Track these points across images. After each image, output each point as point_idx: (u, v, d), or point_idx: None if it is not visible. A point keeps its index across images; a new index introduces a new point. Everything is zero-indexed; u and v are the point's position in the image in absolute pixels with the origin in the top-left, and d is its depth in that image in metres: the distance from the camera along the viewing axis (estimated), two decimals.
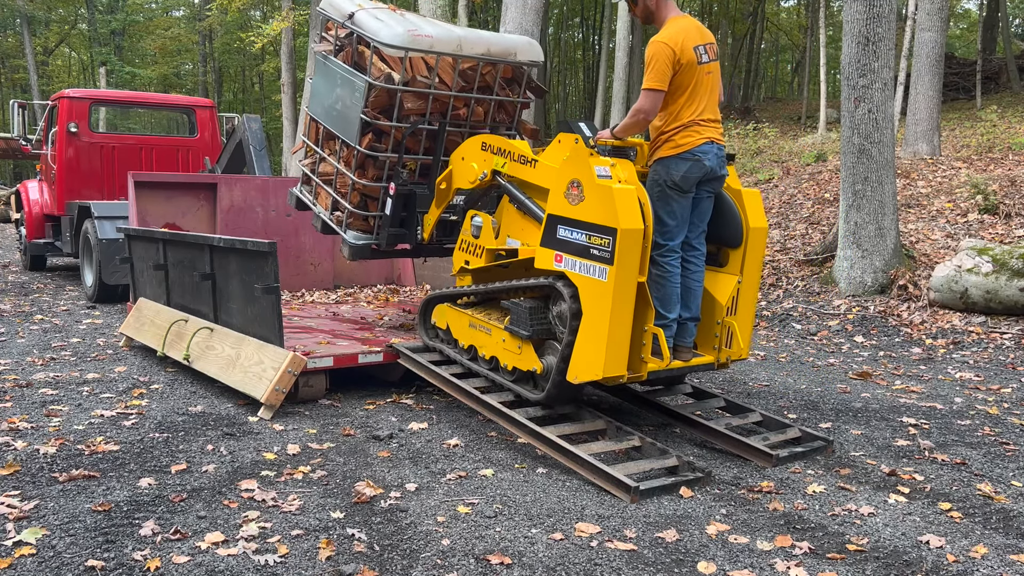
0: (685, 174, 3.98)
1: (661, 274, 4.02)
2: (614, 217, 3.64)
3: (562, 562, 2.88)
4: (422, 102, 5.17)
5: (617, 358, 3.77)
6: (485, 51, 5.26)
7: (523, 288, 4.24)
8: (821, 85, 17.84)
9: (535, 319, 4.10)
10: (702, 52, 4.02)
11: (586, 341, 3.80)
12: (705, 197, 4.15)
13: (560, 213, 3.92)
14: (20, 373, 5.45)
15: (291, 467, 3.75)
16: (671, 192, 4.00)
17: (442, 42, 5.10)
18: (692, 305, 4.17)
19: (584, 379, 3.85)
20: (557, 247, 3.94)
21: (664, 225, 4.00)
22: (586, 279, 3.78)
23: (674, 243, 4.05)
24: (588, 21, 38.08)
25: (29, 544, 2.91)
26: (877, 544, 3.08)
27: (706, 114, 4.05)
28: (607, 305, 3.68)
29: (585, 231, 3.78)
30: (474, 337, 4.62)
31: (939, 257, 8.15)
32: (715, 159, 4.05)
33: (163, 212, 7.94)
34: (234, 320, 5.22)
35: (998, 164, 11.56)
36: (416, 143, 5.32)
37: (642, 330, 3.89)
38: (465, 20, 15.80)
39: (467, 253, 4.76)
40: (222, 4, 23.56)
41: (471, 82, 5.29)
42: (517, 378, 4.34)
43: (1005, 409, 5.00)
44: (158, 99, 13.27)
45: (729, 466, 3.93)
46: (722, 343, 4.25)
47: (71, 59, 44.63)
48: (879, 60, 7.80)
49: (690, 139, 3.99)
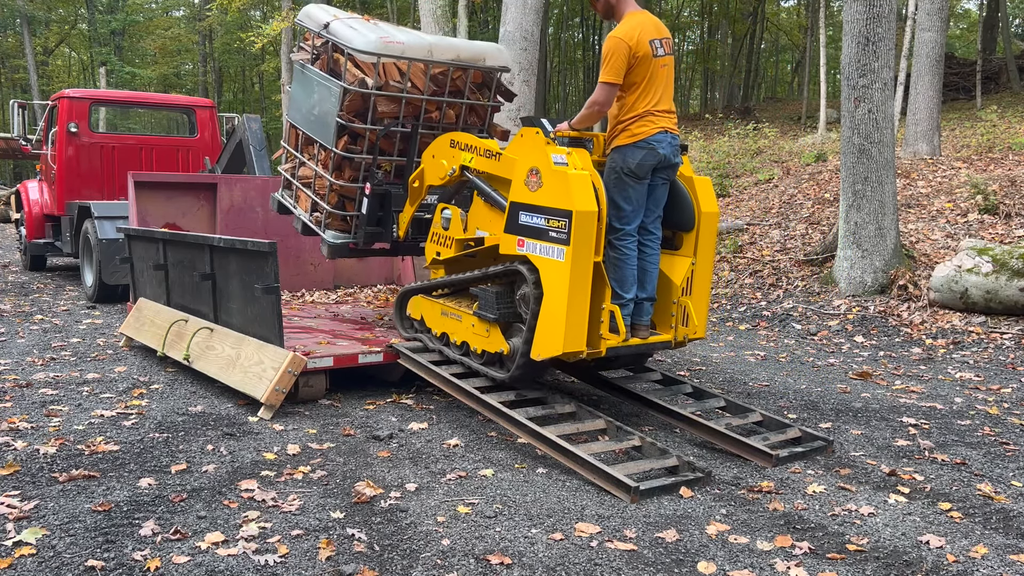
0: (640, 162, 4.19)
1: (618, 256, 4.24)
2: (569, 200, 3.90)
3: (562, 562, 2.88)
4: (395, 105, 5.40)
5: (576, 334, 4.00)
6: (455, 57, 5.48)
7: (490, 276, 4.47)
8: (821, 85, 17.85)
9: (501, 303, 4.35)
10: (657, 46, 4.23)
11: (547, 319, 4.03)
12: (660, 184, 4.36)
13: (521, 200, 4.17)
14: (20, 373, 5.45)
15: (291, 467, 3.75)
16: (627, 179, 4.21)
17: (413, 48, 5.34)
18: (648, 286, 4.40)
19: (546, 355, 4.06)
20: (519, 232, 4.19)
21: (620, 210, 4.24)
22: (546, 260, 4.03)
23: (630, 227, 4.27)
24: (588, 21, 38.07)
25: (29, 544, 2.91)
26: (877, 544, 3.08)
27: (661, 105, 4.26)
28: (565, 284, 3.93)
29: (544, 215, 4.03)
30: (446, 324, 4.85)
31: (939, 257, 8.15)
32: (669, 147, 4.26)
33: (163, 212, 7.94)
34: (234, 320, 5.22)
35: (998, 164, 11.56)
36: (391, 145, 5.53)
37: (600, 308, 4.10)
38: (465, 20, 15.79)
39: (438, 245, 4.98)
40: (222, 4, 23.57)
41: (442, 86, 5.52)
42: (486, 361, 4.55)
43: (1005, 409, 5.00)
44: (158, 99, 13.27)
45: (729, 466, 3.93)
46: (678, 322, 4.49)
47: (71, 59, 44.63)
48: (879, 60, 7.80)
49: (645, 129, 4.20)
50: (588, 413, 4.26)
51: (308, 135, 5.69)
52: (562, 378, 5.57)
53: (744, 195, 12.58)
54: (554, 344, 4.01)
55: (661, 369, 5.10)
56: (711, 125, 22.96)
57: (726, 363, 6.29)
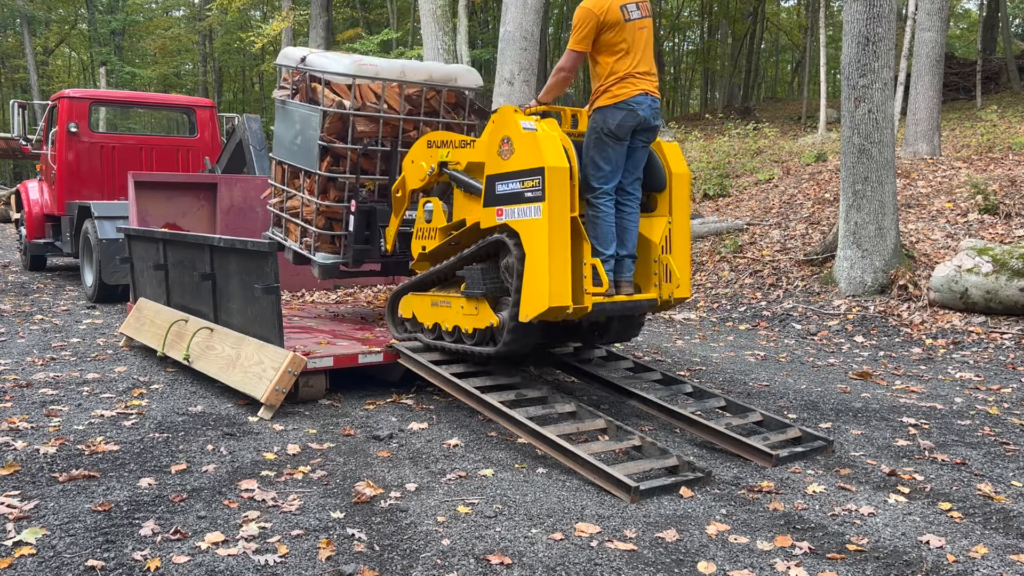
0: (620, 122, 4.31)
1: (596, 215, 4.37)
2: (540, 158, 4.07)
3: (562, 562, 2.88)
4: (373, 125, 5.68)
5: (560, 289, 4.10)
6: (427, 78, 5.84)
7: (474, 253, 4.58)
8: (821, 85, 17.84)
9: (487, 278, 4.48)
10: (631, 10, 4.37)
11: (531, 278, 4.15)
12: (640, 146, 4.48)
13: (496, 171, 4.33)
14: (20, 373, 5.45)
15: (291, 467, 3.75)
16: (607, 139, 4.33)
17: (386, 70, 5.68)
18: (628, 243, 4.52)
19: (533, 314, 4.14)
20: (497, 203, 4.33)
21: (599, 170, 4.35)
22: (525, 222, 4.17)
23: (607, 186, 4.39)
24: None
25: (29, 544, 2.91)
26: (877, 544, 3.08)
27: (640, 67, 4.39)
28: (545, 239, 4.05)
29: (518, 179, 4.19)
30: (436, 314, 4.93)
31: (939, 257, 8.15)
32: (648, 110, 4.37)
33: (163, 212, 7.94)
34: (234, 320, 5.22)
35: (998, 164, 11.56)
36: (372, 165, 5.83)
37: (581, 265, 4.21)
38: (465, 20, 15.79)
39: (423, 239, 5.08)
40: (222, 4, 23.57)
41: (418, 106, 5.83)
42: (477, 341, 4.64)
43: (1005, 409, 5.00)
44: (158, 99, 13.27)
45: (729, 466, 3.93)
46: (661, 279, 4.61)
47: (71, 59, 44.62)
48: (879, 60, 7.80)
49: (625, 90, 4.33)
50: (588, 413, 4.26)
51: (293, 167, 5.96)
52: (562, 378, 5.57)
53: (744, 195, 12.58)
54: (540, 301, 4.09)
55: (661, 369, 5.10)
56: (711, 125, 22.96)
57: (726, 363, 6.29)
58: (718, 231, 10.51)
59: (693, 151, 16.71)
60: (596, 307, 4.28)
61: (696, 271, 9.76)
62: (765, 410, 4.65)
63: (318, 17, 20.54)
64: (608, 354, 5.31)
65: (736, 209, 11.80)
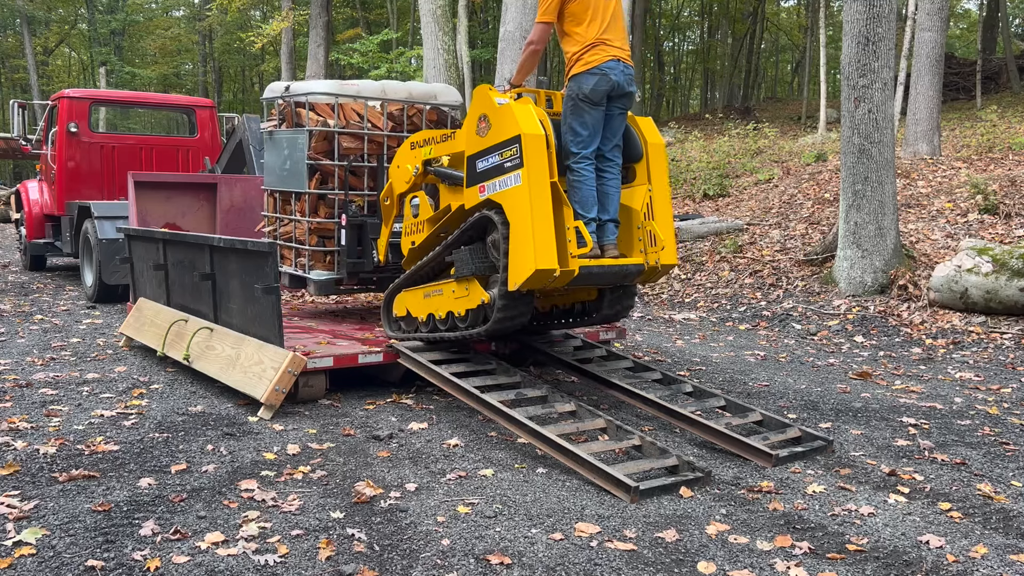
0: (594, 87, 4.43)
1: (577, 179, 4.47)
2: (516, 126, 4.19)
3: (562, 562, 2.88)
4: (358, 142, 5.89)
5: (546, 251, 4.15)
6: (407, 95, 6.10)
7: (461, 234, 4.67)
8: (821, 85, 17.84)
9: (476, 257, 4.57)
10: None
11: (516, 246, 4.22)
12: (617, 113, 4.59)
13: (475, 150, 4.45)
14: (20, 373, 5.45)
15: (291, 467, 3.75)
16: (583, 104, 4.45)
17: (367, 89, 6.01)
18: (610, 207, 4.61)
19: (521, 280, 4.19)
20: (479, 180, 4.44)
21: (577, 135, 4.47)
22: (506, 192, 4.26)
23: (587, 151, 4.49)
24: None
25: (29, 544, 2.91)
26: (877, 544, 3.08)
27: (609, 34, 4.52)
28: (527, 204, 4.15)
29: (497, 152, 4.30)
30: (429, 305, 5.01)
31: (939, 257, 8.15)
32: (621, 75, 4.50)
33: (163, 212, 7.94)
34: (234, 320, 5.22)
35: (998, 164, 11.56)
36: (361, 182, 5.98)
37: (565, 230, 4.29)
38: (465, 20, 15.79)
39: (412, 234, 5.18)
40: (222, 4, 23.57)
41: (400, 123, 6.04)
42: (470, 323, 4.71)
43: (1005, 409, 5.00)
44: (158, 99, 13.27)
45: (729, 466, 3.93)
46: (646, 245, 4.66)
47: (71, 59, 44.62)
48: (879, 60, 7.80)
49: (597, 56, 4.46)
50: (588, 412, 4.26)
51: (284, 193, 6.13)
52: (562, 378, 5.57)
53: (744, 195, 12.58)
54: (526, 265, 4.15)
55: (661, 369, 5.10)
56: (711, 125, 22.96)
57: (726, 363, 6.29)
58: (718, 231, 10.51)
59: (693, 151, 16.71)
60: (583, 270, 4.32)
61: (696, 271, 9.76)
62: (765, 410, 4.65)
63: (318, 17, 20.55)
64: (608, 354, 5.32)
65: (736, 209, 11.80)
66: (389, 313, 5.42)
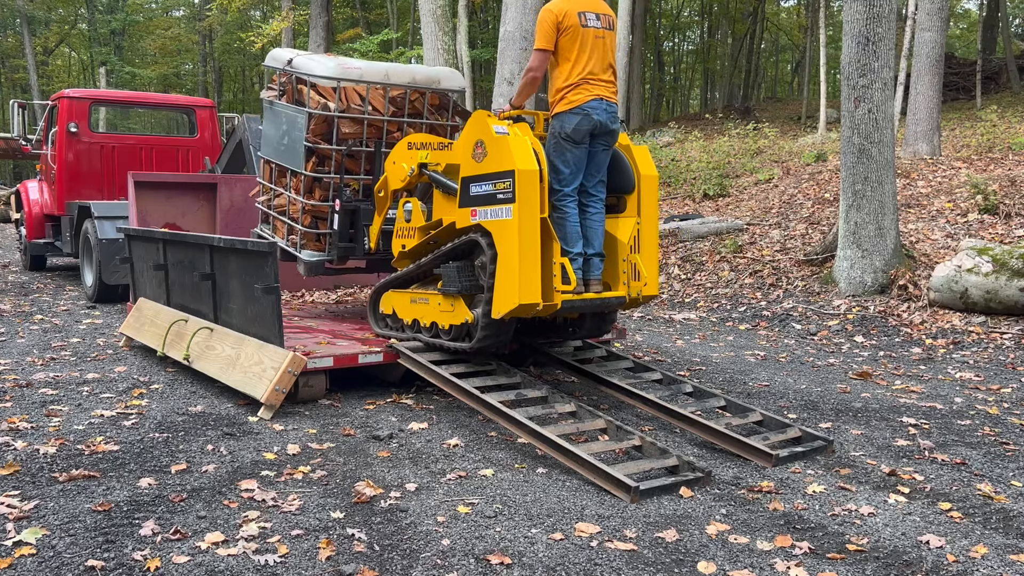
0: (576, 126, 4.49)
1: (560, 216, 4.57)
2: (511, 161, 4.25)
3: (562, 562, 2.88)
4: (358, 127, 5.82)
5: (530, 286, 4.30)
6: (410, 80, 5.95)
7: (451, 251, 4.76)
8: (821, 85, 17.84)
9: (463, 276, 4.65)
10: (589, 17, 4.57)
11: (503, 276, 4.34)
12: (600, 150, 4.66)
13: (470, 173, 4.51)
14: (20, 373, 5.45)
15: (291, 467, 3.75)
16: (564, 143, 4.52)
17: (370, 73, 5.81)
18: (594, 242, 4.70)
19: (504, 310, 4.33)
20: (471, 204, 4.51)
21: (559, 173, 4.54)
22: (497, 222, 4.35)
23: (569, 189, 4.57)
24: None
25: (29, 544, 2.91)
26: (877, 544, 3.08)
27: (596, 74, 4.56)
28: (515, 239, 4.25)
29: (491, 181, 4.37)
30: (416, 311, 5.10)
31: (939, 257, 8.15)
32: (604, 114, 4.55)
33: (163, 212, 7.94)
34: (234, 320, 5.22)
35: (998, 164, 11.56)
36: (357, 165, 5.94)
37: (551, 264, 4.41)
38: (465, 20, 15.79)
39: (403, 238, 5.25)
40: (222, 4, 23.57)
41: (402, 108, 5.96)
42: (454, 336, 4.80)
43: (1005, 409, 5.00)
44: (158, 99, 13.27)
45: (729, 466, 3.93)
46: (630, 278, 4.78)
47: (71, 59, 44.62)
48: (879, 60, 7.80)
49: (580, 96, 4.51)
50: (588, 413, 4.26)
51: (280, 166, 6.06)
52: (562, 378, 5.57)
53: (744, 195, 12.58)
54: (511, 298, 4.29)
55: (661, 369, 5.10)
56: (711, 125, 22.96)
57: (726, 363, 6.29)
58: (718, 231, 10.51)
59: (693, 151, 16.72)
60: (565, 304, 4.46)
61: (696, 271, 9.77)
62: (765, 410, 4.65)
63: (318, 17, 20.55)
64: (608, 354, 5.32)
65: (736, 209, 11.80)
66: (376, 309, 5.53)
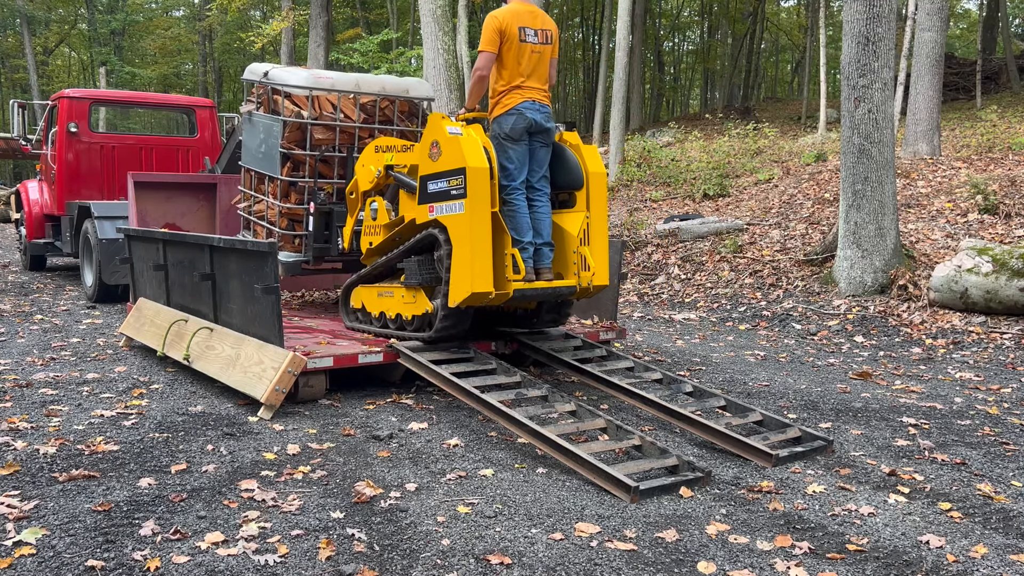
0: (512, 126, 4.88)
1: (510, 209, 4.90)
2: (463, 159, 4.59)
3: (562, 562, 2.88)
4: (331, 133, 6.20)
5: (482, 276, 4.61)
6: (380, 89, 6.36)
7: (412, 246, 5.08)
8: (821, 85, 17.84)
9: (423, 269, 4.98)
10: (528, 32, 4.93)
11: (457, 268, 4.64)
12: (539, 147, 5.02)
13: (427, 172, 4.86)
14: (20, 373, 5.45)
15: (291, 467, 3.75)
16: (505, 142, 4.90)
17: (342, 82, 6.23)
18: (543, 232, 5.00)
19: (459, 299, 4.64)
20: (429, 200, 4.85)
21: (505, 169, 4.90)
22: (451, 217, 4.68)
23: (516, 183, 4.92)
24: (588, 21, 38.07)
25: (29, 544, 2.91)
26: (877, 544, 3.08)
27: (529, 83, 4.94)
28: (467, 231, 4.57)
29: (446, 179, 4.71)
30: (382, 304, 5.43)
31: (939, 257, 8.15)
32: (537, 113, 4.93)
33: (163, 212, 7.94)
34: (234, 320, 5.22)
35: (998, 164, 11.56)
36: (331, 170, 6.28)
37: (503, 255, 4.72)
38: (465, 20, 15.78)
39: (370, 235, 5.57)
40: (222, 4, 23.56)
41: (373, 115, 6.35)
42: (416, 327, 5.14)
43: (1005, 409, 5.00)
44: (158, 99, 13.26)
45: (729, 466, 3.93)
46: (580, 268, 5.02)
47: (71, 59, 44.61)
48: (879, 60, 7.80)
49: (513, 99, 4.90)
50: (588, 412, 4.26)
51: (259, 173, 6.42)
52: (562, 378, 5.57)
53: (744, 195, 12.58)
54: (464, 287, 4.60)
55: (661, 369, 5.10)
56: (711, 125, 22.97)
57: (726, 363, 6.29)
58: (718, 231, 10.51)
59: (693, 151, 16.72)
60: (517, 292, 4.74)
61: (696, 271, 9.77)
62: (765, 410, 4.65)
63: (318, 17, 20.55)
64: (608, 354, 5.32)
65: (736, 209, 11.80)
66: (347, 304, 5.83)
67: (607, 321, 6.13)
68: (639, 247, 10.79)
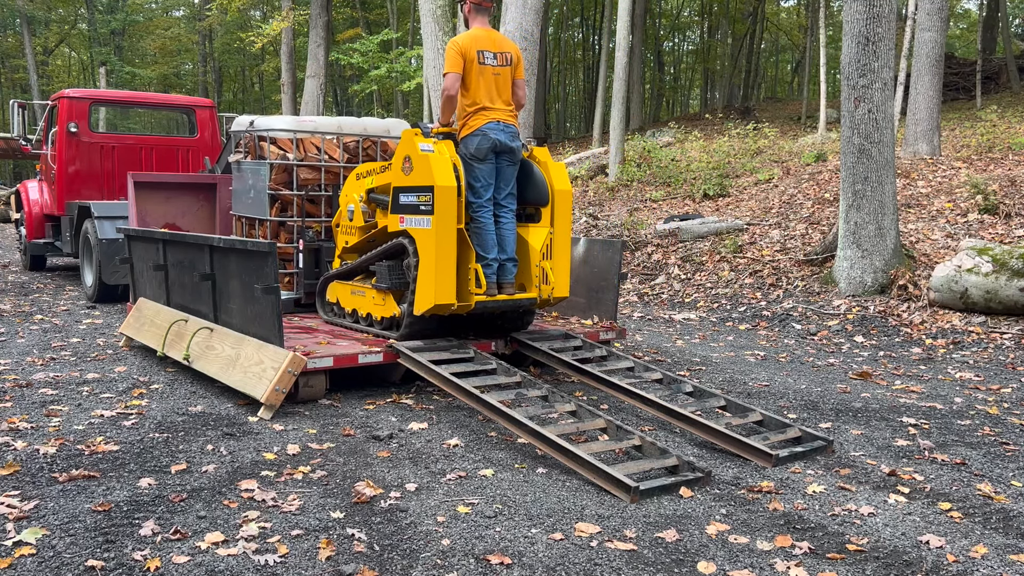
0: (478, 146, 5.06)
1: (477, 226, 5.10)
2: (431, 177, 4.80)
3: (562, 562, 2.88)
4: (316, 173, 6.49)
5: (446, 289, 4.85)
6: (362, 130, 6.69)
7: (383, 252, 5.32)
8: (821, 85, 17.84)
9: (393, 274, 5.25)
10: (486, 55, 5.14)
11: (423, 279, 4.89)
12: (506, 166, 5.20)
13: (400, 184, 5.08)
14: (20, 373, 5.45)
15: (291, 467, 3.75)
16: (471, 162, 5.08)
17: (324, 125, 6.57)
18: (507, 248, 5.22)
19: (423, 309, 4.89)
20: (400, 211, 5.08)
21: (472, 187, 5.09)
22: (419, 230, 4.91)
23: (482, 200, 5.11)
24: (588, 21, 38.07)
25: (29, 544, 2.91)
26: (877, 544, 3.08)
27: (494, 104, 5.13)
28: (432, 246, 4.79)
29: (416, 193, 4.92)
30: (355, 302, 5.73)
31: (939, 257, 8.15)
32: (502, 134, 5.10)
33: (163, 212, 7.94)
34: (234, 320, 5.22)
35: (998, 164, 11.56)
36: (318, 208, 6.57)
37: (468, 269, 4.95)
38: None
39: (346, 235, 5.87)
40: (222, 4, 23.56)
41: (356, 155, 6.63)
42: (385, 326, 5.42)
43: (1005, 409, 5.00)
44: (158, 99, 13.26)
45: (729, 466, 3.93)
46: (541, 282, 5.24)
47: (71, 59, 44.62)
48: (879, 60, 7.80)
49: (478, 120, 5.09)
50: (588, 412, 4.26)
51: (250, 219, 6.67)
52: (562, 378, 5.57)
53: (744, 195, 12.58)
54: (428, 298, 4.84)
55: (661, 369, 5.10)
56: (711, 125, 22.97)
57: (726, 363, 6.29)
58: (718, 231, 10.51)
59: (693, 151, 16.72)
60: (479, 304, 4.98)
61: (696, 271, 9.77)
62: (765, 410, 4.65)
63: (318, 17, 20.55)
64: (608, 354, 5.32)
65: (736, 209, 11.80)
66: (323, 297, 6.11)
67: (607, 321, 6.14)
68: (639, 247, 10.80)
